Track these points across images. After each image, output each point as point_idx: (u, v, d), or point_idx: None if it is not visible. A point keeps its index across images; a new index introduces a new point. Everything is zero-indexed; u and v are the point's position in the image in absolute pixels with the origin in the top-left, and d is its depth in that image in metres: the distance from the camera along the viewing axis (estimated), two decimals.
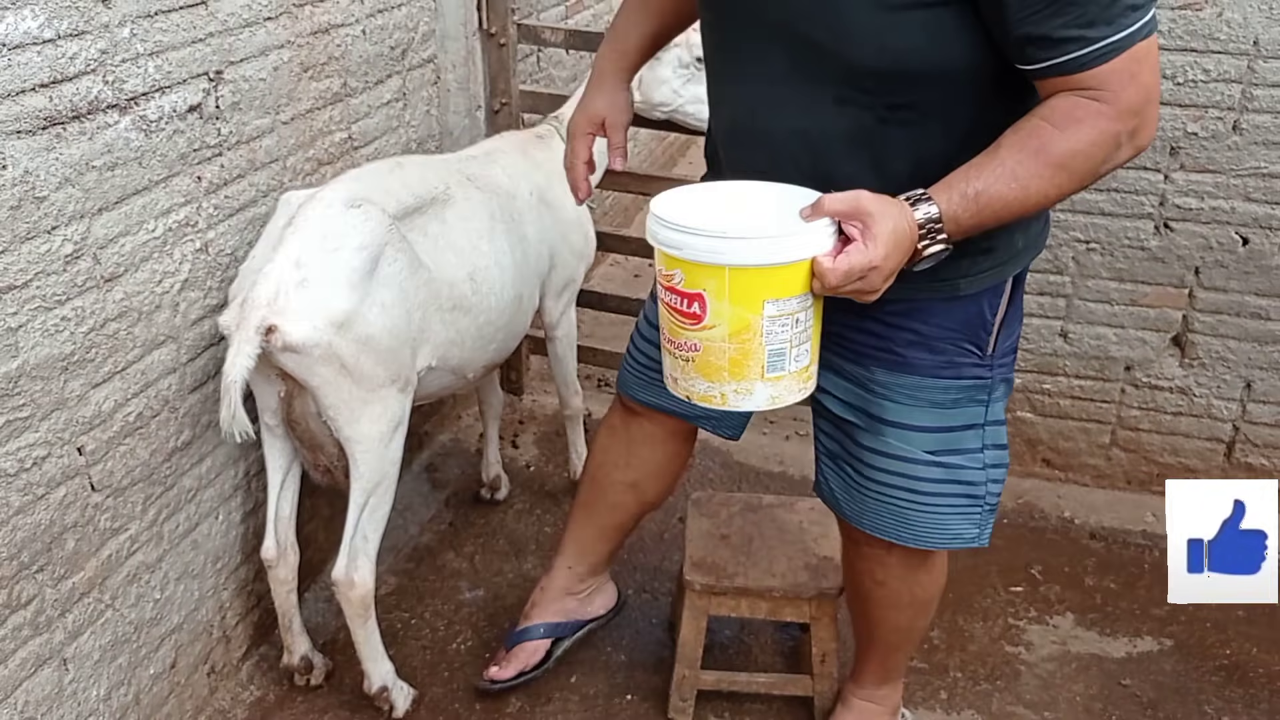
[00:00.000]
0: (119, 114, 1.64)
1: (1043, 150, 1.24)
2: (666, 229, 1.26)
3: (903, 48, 1.28)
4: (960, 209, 1.25)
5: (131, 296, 1.72)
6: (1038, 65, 1.24)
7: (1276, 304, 2.42)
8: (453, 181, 2.09)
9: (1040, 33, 1.21)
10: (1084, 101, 1.23)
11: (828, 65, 1.33)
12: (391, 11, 2.37)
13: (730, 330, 1.25)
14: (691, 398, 1.33)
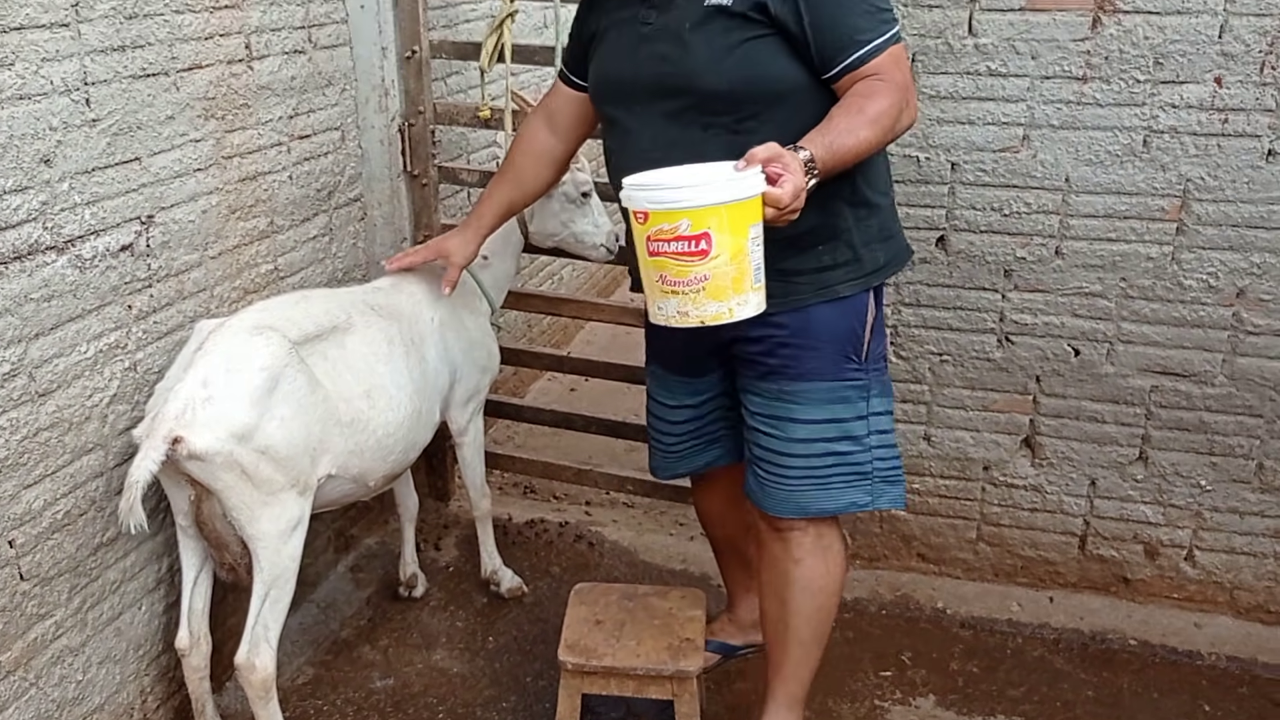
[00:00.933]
0: (56, 254, 1.94)
1: (862, 112, 1.78)
2: (667, 190, 1.63)
3: (736, 72, 1.84)
4: (823, 152, 1.73)
5: (63, 409, 1.99)
6: (838, 67, 1.82)
7: (1110, 408, 2.69)
8: (355, 311, 2.38)
9: (828, 44, 1.81)
10: (874, 82, 1.81)
11: (690, 102, 1.88)
12: (318, 159, 2.69)
13: (730, 255, 1.62)
14: (705, 321, 1.67)
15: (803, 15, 1.80)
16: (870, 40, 1.81)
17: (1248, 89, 2.37)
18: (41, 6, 1.84)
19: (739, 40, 1.83)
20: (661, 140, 1.91)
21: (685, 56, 1.86)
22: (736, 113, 1.86)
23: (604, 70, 2.06)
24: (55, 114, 1.90)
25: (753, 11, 1.81)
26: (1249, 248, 2.48)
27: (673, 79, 1.89)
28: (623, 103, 2.01)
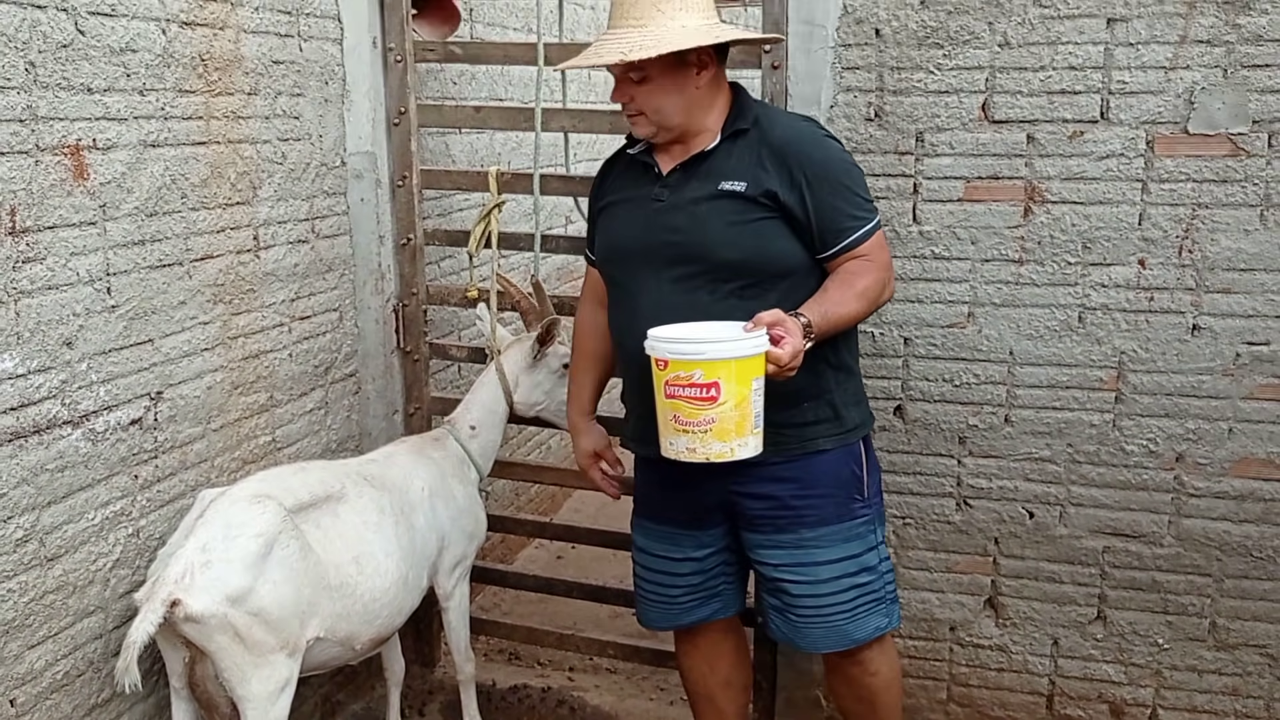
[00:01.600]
0: (72, 428, 2.11)
1: (852, 287, 2.14)
2: (687, 344, 1.95)
3: (747, 246, 2.15)
4: (820, 319, 2.05)
5: (69, 573, 2.12)
6: (834, 249, 2.17)
7: (1066, 569, 2.81)
8: (349, 481, 2.53)
9: (828, 229, 2.16)
10: (863, 262, 2.18)
11: (699, 268, 2.17)
12: (317, 338, 2.90)
13: (735, 402, 1.92)
14: (710, 458, 1.95)
15: (807, 204, 2.14)
16: (861, 227, 2.17)
17: (1169, 269, 2.60)
18: (74, 208, 2.07)
19: (750, 219, 2.15)
20: (667, 303, 2.18)
21: (699, 229, 2.17)
22: (742, 281, 2.16)
23: (614, 239, 2.34)
24: (79, 302, 2.10)
25: (763, 197, 2.15)
26: (1183, 415, 2.66)
27: (686, 248, 2.18)
28: (630, 268, 2.28)
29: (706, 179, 2.20)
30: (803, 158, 2.16)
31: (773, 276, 2.17)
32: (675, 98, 2.17)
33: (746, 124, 2.21)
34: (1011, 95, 2.61)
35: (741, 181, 2.17)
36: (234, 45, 2.49)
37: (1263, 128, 2.49)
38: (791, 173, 2.15)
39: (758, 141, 2.19)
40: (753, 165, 2.18)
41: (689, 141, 2.24)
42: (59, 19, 2.01)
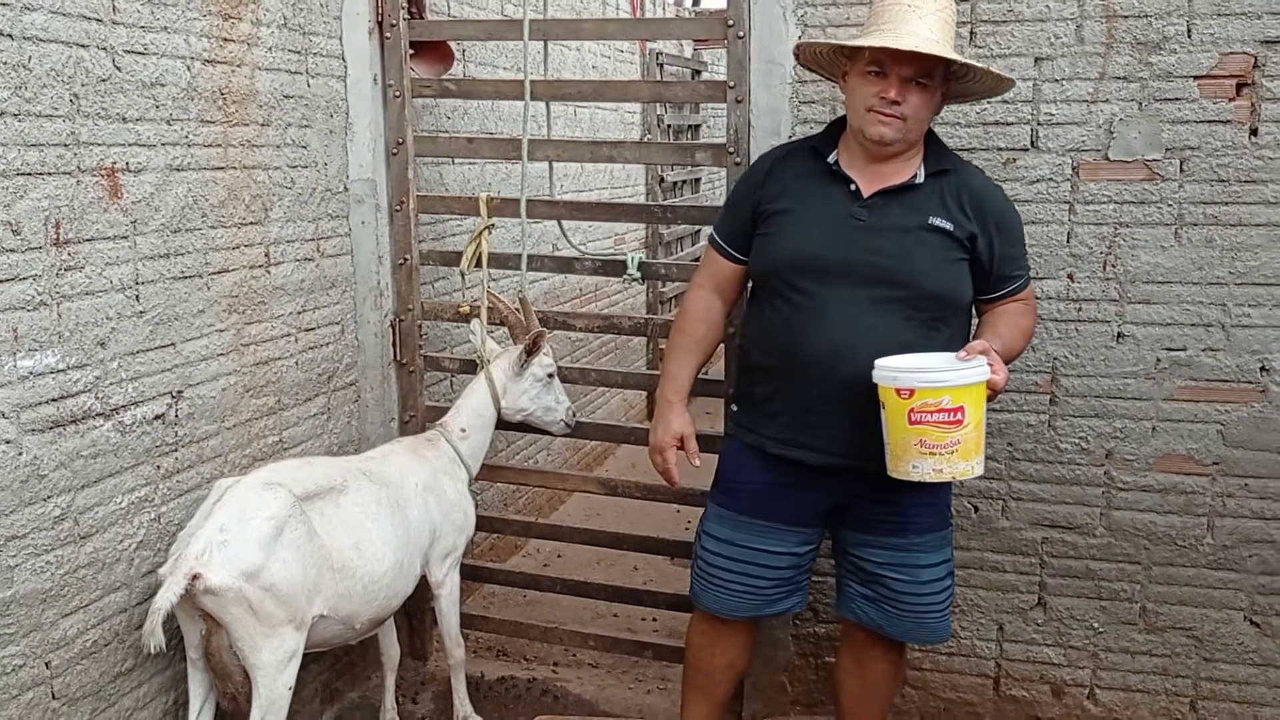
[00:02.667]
0: (104, 420, 2.36)
1: (1018, 327, 2.44)
2: (934, 374, 2.15)
3: (947, 280, 2.36)
4: (1001, 351, 2.28)
5: (99, 551, 2.36)
6: (1002, 291, 2.44)
7: (1009, 559, 3.05)
8: (350, 475, 2.78)
9: (1002, 275, 2.43)
10: (1024, 306, 2.48)
11: (901, 294, 2.33)
12: (321, 348, 3.15)
13: (975, 424, 2.14)
14: (956, 476, 2.18)
15: (994, 251, 2.38)
16: (1026, 275, 2.49)
17: (1095, 282, 2.87)
18: (109, 223, 2.33)
19: (954, 258, 2.36)
20: (863, 321, 2.33)
21: (908, 257, 2.33)
22: (936, 313, 2.35)
23: (806, 246, 2.40)
24: (112, 307, 2.36)
25: (966, 239, 2.36)
26: (1111, 415, 2.92)
27: (892, 273, 2.33)
28: (821, 279, 2.37)
29: (912, 210, 2.36)
30: (997, 210, 2.40)
31: (955, 311, 2.40)
32: (928, 114, 2.37)
33: (949, 165, 2.41)
34: (951, 126, 2.89)
35: (949, 221, 2.35)
36: (249, 81, 2.76)
37: (1174, 155, 2.77)
38: (986, 221, 2.37)
39: (958, 185, 2.39)
40: (954, 207, 2.37)
41: (889, 165, 2.39)
42: (99, 56, 2.29)
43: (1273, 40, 2.67)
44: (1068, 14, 2.77)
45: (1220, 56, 2.70)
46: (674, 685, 3.54)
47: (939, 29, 2.31)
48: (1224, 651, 2.95)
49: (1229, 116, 2.72)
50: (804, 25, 2.94)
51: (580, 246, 4.47)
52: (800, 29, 2.94)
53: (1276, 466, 2.83)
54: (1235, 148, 2.73)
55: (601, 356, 5.80)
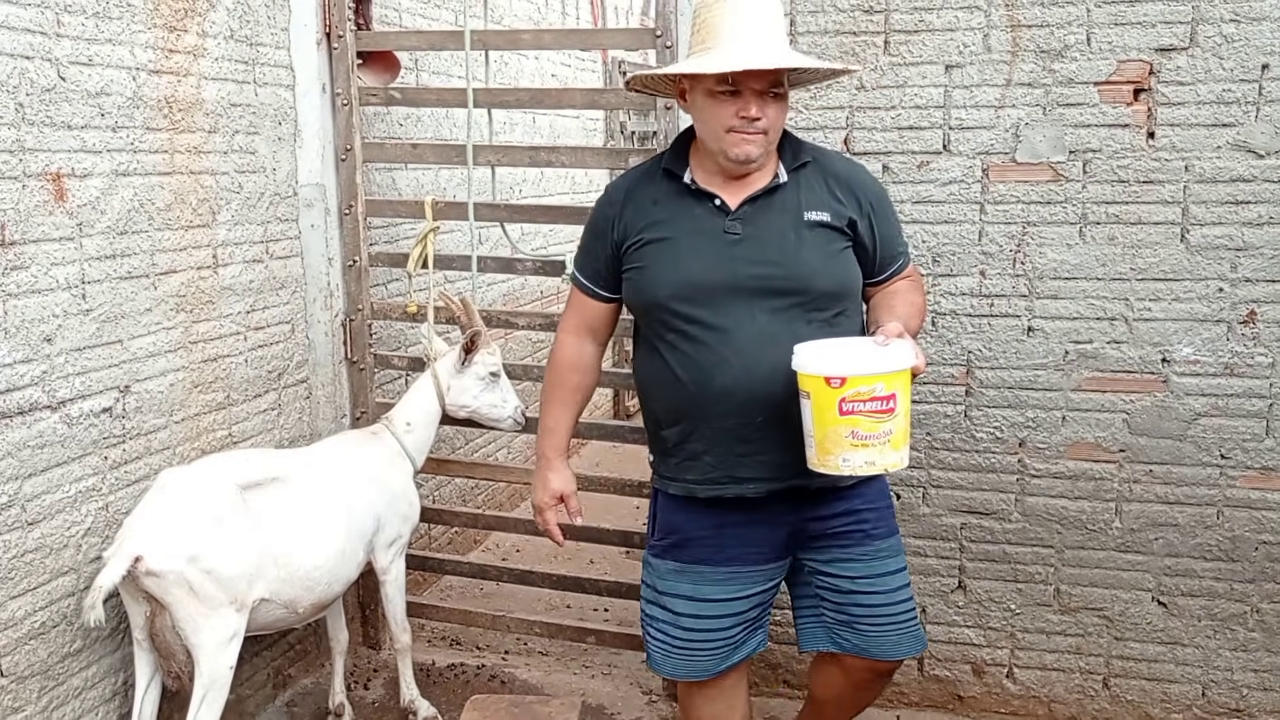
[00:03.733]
0: (50, 412, 2.48)
1: (914, 304, 2.32)
2: (869, 361, 2.00)
3: (838, 273, 2.25)
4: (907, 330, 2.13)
5: (46, 537, 2.48)
6: (889, 271, 2.34)
7: (930, 544, 3.19)
8: (294, 467, 2.90)
9: (886, 255, 2.33)
10: (910, 283, 2.38)
11: (797, 299, 2.20)
12: (270, 346, 3.28)
13: (904, 411, 2.02)
14: (887, 468, 2.03)
15: (875, 232, 2.28)
16: (907, 251, 2.39)
17: (1005, 279, 3.01)
18: (55, 225, 2.46)
19: (838, 248, 2.24)
20: (767, 335, 2.17)
21: (795, 260, 2.19)
22: (834, 309, 2.23)
23: (688, 274, 2.22)
24: (58, 305, 2.48)
25: (846, 227, 2.24)
26: (1023, 405, 3.06)
27: (782, 280, 2.19)
28: (711, 304, 2.20)
29: (784, 211, 2.23)
30: (865, 189, 2.29)
31: (853, 302, 2.29)
32: (782, 122, 2.23)
33: (808, 157, 2.29)
34: (868, 131, 3.03)
35: (824, 212, 2.23)
36: (196, 90, 2.89)
37: (1078, 157, 2.91)
38: (860, 203, 2.26)
39: (823, 174, 2.27)
40: (827, 197, 2.25)
41: (749, 174, 2.24)
42: (44, 67, 2.42)
43: (1166, 48, 2.81)
44: (975, 24, 2.92)
45: (1118, 64, 2.85)
46: (620, 671, 3.68)
47: (777, 29, 2.21)
48: (1134, 631, 3.09)
49: (1127, 120, 2.87)
50: None
51: (533, 250, 4.59)
52: None
53: (1178, 452, 2.97)
54: (1134, 150, 2.87)
55: None
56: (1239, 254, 2.86)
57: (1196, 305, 2.90)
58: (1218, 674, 3.05)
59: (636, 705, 3.45)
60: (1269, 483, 2.93)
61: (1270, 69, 2.77)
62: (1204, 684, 3.06)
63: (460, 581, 4.25)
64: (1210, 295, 2.89)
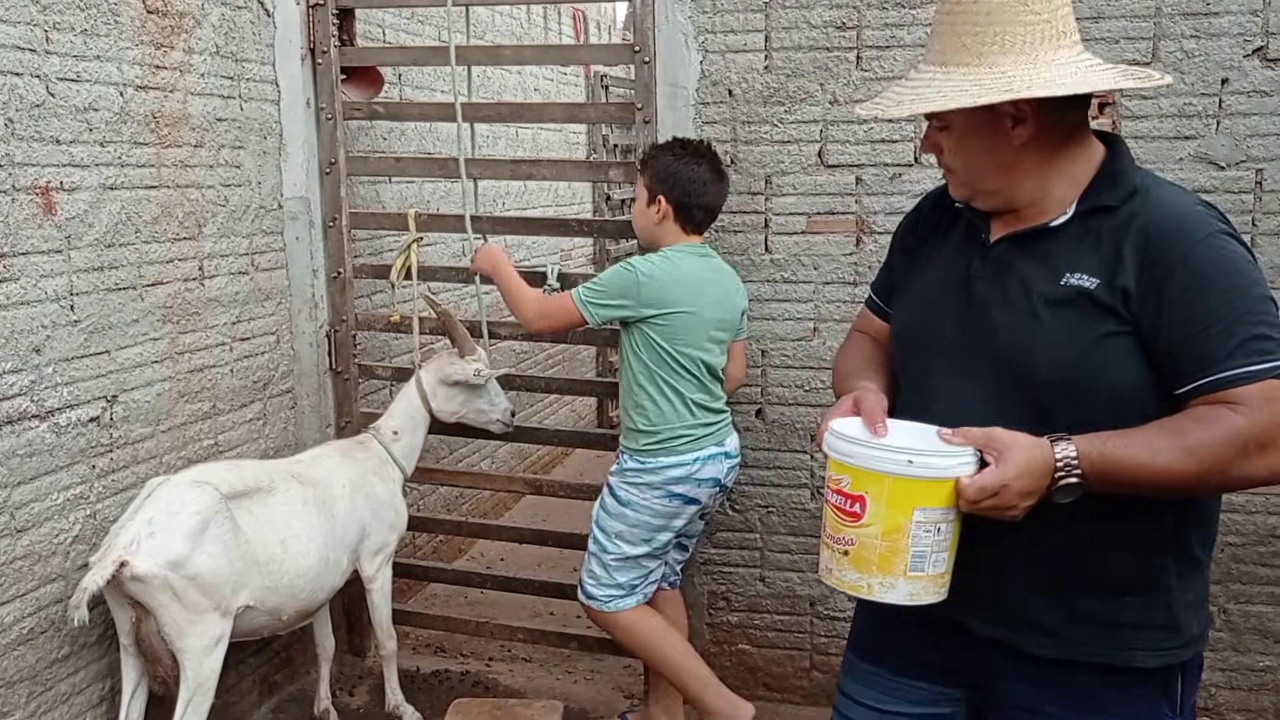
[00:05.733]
0: (39, 421, 2.53)
1: (1178, 433, 1.48)
2: (841, 440, 1.55)
3: (1084, 364, 1.55)
4: (1096, 454, 1.47)
5: (35, 544, 2.53)
6: (1185, 384, 1.52)
7: None
8: (278, 477, 2.95)
9: (1191, 355, 1.51)
10: (1222, 409, 1.47)
11: (1017, 387, 1.59)
12: (256, 357, 3.33)
13: (884, 529, 1.50)
14: (842, 586, 1.56)
15: (1166, 316, 1.52)
16: (1240, 367, 1.48)
17: None
18: (43, 238, 2.51)
19: (1099, 332, 1.55)
20: (964, 423, 1.56)
21: (1026, 333, 1.60)
22: (1072, 414, 1.55)
23: (907, 315, 1.82)
24: (47, 316, 2.53)
25: (1119, 303, 1.55)
26: None
27: (1002, 355, 1.62)
28: (926, 360, 1.73)
29: (1044, 263, 1.63)
30: (1178, 257, 1.54)
31: (1111, 412, 1.55)
32: (987, 156, 1.64)
33: (1115, 200, 1.61)
34: (842, 144, 3.11)
35: (1093, 277, 1.58)
36: (182, 105, 2.95)
37: None
38: (1156, 272, 1.54)
39: (1127, 224, 1.59)
40: (1110, 257, 1.58)
41: (1024, 211, 1.67)
42: (33, 83, 2.47)
43: (1129, 63, 2.89)
44: None
45: None
46: (602, 676, 3.73)
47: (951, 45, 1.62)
48: None
49: None
50: (705, 51, 3.15)
51: (517, 262, 4.66)
52: (701, 54, 3.15)
53: None
54: None
55: (550, 368, 5.99)
56: None
57: None
58: None
59: (618, 709, 3.50)
60: None
61: (1230, 83, 2.85)
62: None
63: (445, 589, 4.30)
64: None
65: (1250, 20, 2.81)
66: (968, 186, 1.70)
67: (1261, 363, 1.48)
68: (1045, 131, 1.61)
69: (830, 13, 3.05)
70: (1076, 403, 1.56)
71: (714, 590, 3.41)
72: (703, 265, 2.92)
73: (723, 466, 2.96)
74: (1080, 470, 1.47)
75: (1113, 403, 1.55)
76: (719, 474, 2.95)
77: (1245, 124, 2.86)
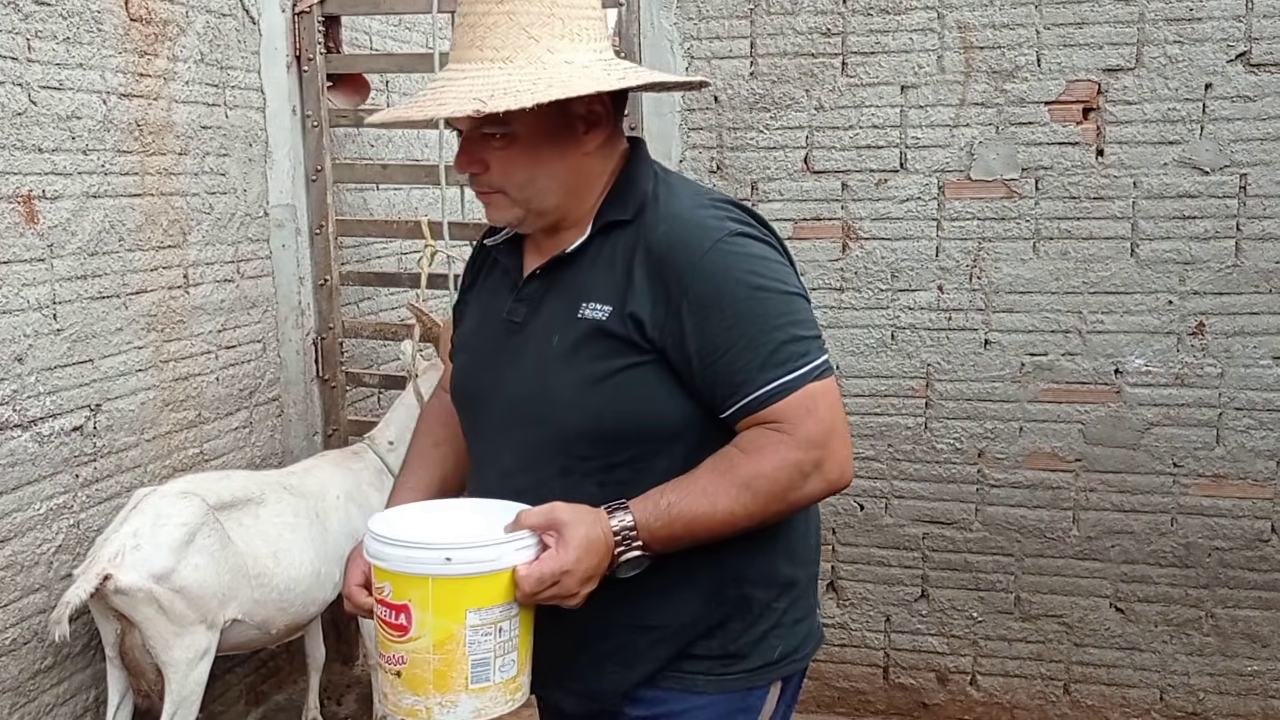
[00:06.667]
0: (21, 430, 2.51)
1: (730, 470, 1.36)
2: (375, 542, 1.33)
3: (607, 407, 1.41)
4: (653, 518, 1.35)
5: (17, 554, 2.51)
6: (725, 409, 1.39)
7: (894, 554, 3.25)
8: (269, 488, 2.93)
9: (722, 379, 1.38)
10: (768, 432, 1.37)
11: (549, 437, 1.44)
12: (242, 365, 3.32)
13: (434, 640, 1.28)
14: (400, 713, 1.33)
15: (689, 337, 1.39)
16: (771, 382, 1.37)
17: (963, 293, 3.08)
18: (25, 246, 2.50)
19: (616, 365, 1.42)
20: (513, 481, 1.47)
21: (551, 381, 1.45)
22: (606, 458, 1.44)
23: (460, 369, 1.64)
24: (29, 325, 2.52)
25: (632, 331, 1.41)
26: (982, 416, 3.13)
27: (526, 403, 1.48)
28: (475, 418, 1.58)
29: (566, 294, 1.48)
30: (685, 271, 1.40)
31: (652, 451, 1.44)
32: (554, 168, 1.44)
33: (627, 213, 1.46)
34: (827, 150, 3.11)
35: (606, 305, 1.43)
36: (166, 113, 2.94)
37: (1030, 174, 3.00)
38: (669, 290, 1.40)
39: (637, 241, 1.44)
40: (620, 278, 1.43)
41: (561, 233, 1.51)
42: (15, 92, 2.46)
43: (1114, 69, 2.90)
44: (930, 46, 3.00)
45: (1067, 84, 2.94)
46: None
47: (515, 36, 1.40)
48: (1093, 637, 3.16)
49: (1077, 139, 2.95)
50: (690, 57, 3.15)
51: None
52: (687, 61, 3.15)
53: (1132, 461, 3.04)
54: (1084, 167, 2.96)
55: None
56: (1187, 267, 2.94)
57: (1147, 318, 2.98)
58: (1175, 678, 3.12)
59: None
60: (1220, 490, 3.00)
61: (1213, 88, 2.86)
62: (1161, 688, 3.13)
63: None
64: (1160, 308, 2.97)
65: (1233, 25, 2.82)
66: (523, 207, 1.47)
67: (795, 369, 1.38)
68: (611, 138, 1.48)
69: (815, 19, 3.06)
70: (614, 449, 1.43)
71: None
72: None
73: None
74: (640, 540, 1.36)
75: (657, 442, 1.43)
76: None
77: (1229, 129, 2.87)
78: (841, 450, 1.41)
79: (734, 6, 3.11)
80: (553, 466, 1.46)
